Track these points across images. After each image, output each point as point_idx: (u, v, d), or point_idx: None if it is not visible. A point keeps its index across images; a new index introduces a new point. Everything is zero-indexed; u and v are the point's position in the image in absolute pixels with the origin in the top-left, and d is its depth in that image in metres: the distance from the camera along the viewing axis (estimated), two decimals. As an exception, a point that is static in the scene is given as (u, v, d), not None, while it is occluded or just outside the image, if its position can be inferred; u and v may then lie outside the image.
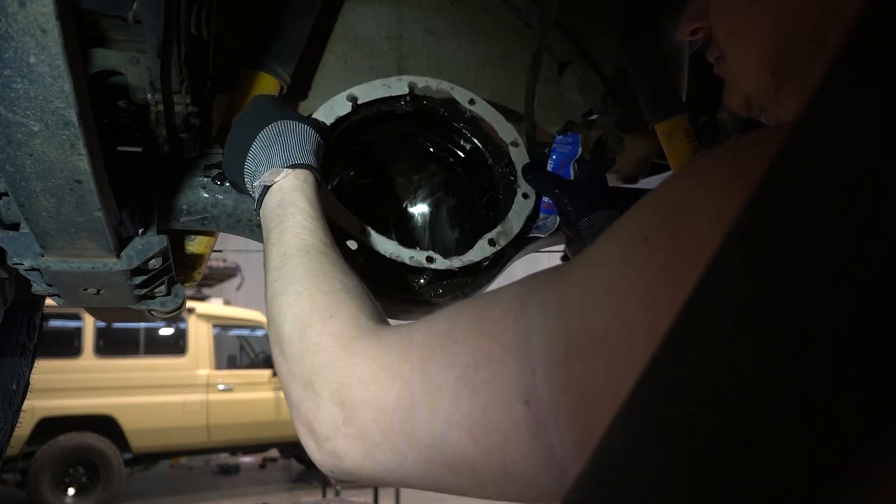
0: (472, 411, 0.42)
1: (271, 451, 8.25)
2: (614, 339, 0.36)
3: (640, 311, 0.35)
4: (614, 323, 0.36)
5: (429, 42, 1.21)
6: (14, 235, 0.80)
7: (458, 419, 0.42)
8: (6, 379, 1.31)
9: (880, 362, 0.17)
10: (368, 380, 0.48)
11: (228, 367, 7.49)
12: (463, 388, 0.42)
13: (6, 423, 1.32)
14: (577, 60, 1.22)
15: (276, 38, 1.05)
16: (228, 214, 0.96)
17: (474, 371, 0.42)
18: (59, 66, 0.53)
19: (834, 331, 0.18)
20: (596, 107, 1.17)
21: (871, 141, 0.18)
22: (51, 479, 5.95)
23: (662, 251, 0.35)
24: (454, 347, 0.44)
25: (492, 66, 1.24)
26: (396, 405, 0.46)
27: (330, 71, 1.17)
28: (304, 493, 7.05)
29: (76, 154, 0.61)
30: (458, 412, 0.42)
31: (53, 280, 0.86)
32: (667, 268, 0.35)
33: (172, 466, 8.22)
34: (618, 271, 0.38)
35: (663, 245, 0.36)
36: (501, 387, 0.41)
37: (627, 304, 0.36)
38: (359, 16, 1.18)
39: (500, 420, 0.41)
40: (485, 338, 0.43)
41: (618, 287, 0.37)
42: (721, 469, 0.20)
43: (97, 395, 6.25)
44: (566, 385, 0.38)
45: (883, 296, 0.17)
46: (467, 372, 0.43)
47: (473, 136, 1.07)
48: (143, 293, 0.93)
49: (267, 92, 1.04)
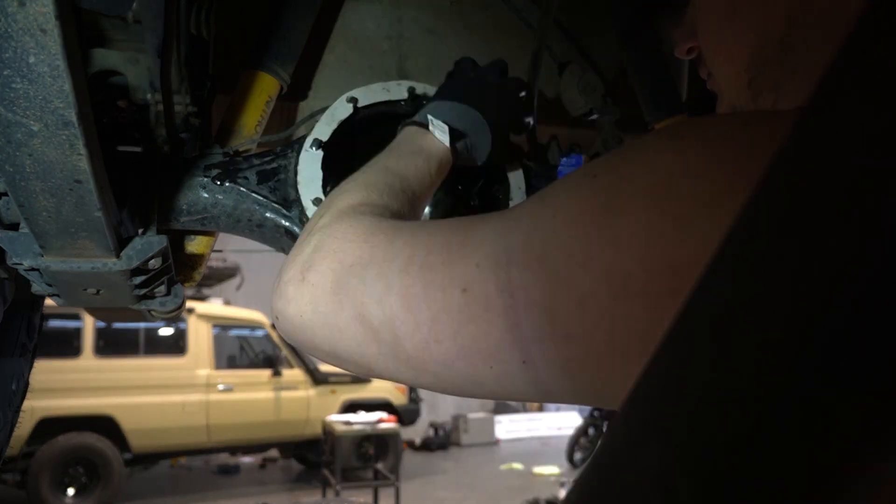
0: (413, 284, 0.45)
1: (271, 451, 8.26)
2: (551, 259, 0.39)
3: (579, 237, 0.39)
4: (553, 243, 0.39)
5: (429, 42, 1.21)
6: (14, 235, 0.80)
7: (400, 288, 0.46)
8: (6, 379, 1.31)
9: (880, 362, 0.17)
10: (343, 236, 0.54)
11: (228, 367, 7.49)
12: (414, 264, 0.46)
13: (6, 423, 1.32)
14: (577, 60, 1.22)
15: (276, 38, 1.05)
16: (228, 214, 0.96)
17: (427, 253, 0.46)
18: (58, 66, 0.53)
19: (834, 330, 0.18)
20: (596, 107, 1.17)
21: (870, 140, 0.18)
22: (51, 479, 5.95)
23: (606, 187, 0.39)
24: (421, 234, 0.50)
25: (492, 66, 1.24)
26: (354, 260, 0.51)
27: (330, 71, 1.17)
28: (303, 493, 7.05)
29: (76, 154, 0.61)
30: (401, 282, 0.46)
31: (53, 280, 0.86)
32: (608, 201, 0.38)
33: (172, 466, 8.22)
34: (566, 199, 0.41)
35: (608, 182, 0.39)
36: (446, 272, 0.44)
37: (568, 228, 0.39)
38: (359, 16, 1.18)
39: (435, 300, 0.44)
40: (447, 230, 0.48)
41: (563, 212, 0.40)
42: (721, 469, 0.20)
43: (97, 395, 6.26)
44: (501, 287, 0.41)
45: (883, 296, 0.17)
46: (421, 252, 0.47)
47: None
48: (142, 293, 0.93)
49: (268, 92, 1.05)
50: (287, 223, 0.96)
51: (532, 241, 0.41)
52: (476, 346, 0.43)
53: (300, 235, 0.60)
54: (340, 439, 6.12)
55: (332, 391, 7.69)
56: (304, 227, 0.62)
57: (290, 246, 0.98)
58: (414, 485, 7.41)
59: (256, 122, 1.04)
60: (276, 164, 0.98)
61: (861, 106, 0.18)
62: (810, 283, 0.18)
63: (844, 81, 0.19)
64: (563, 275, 0.38)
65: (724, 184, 0.35)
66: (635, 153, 0.40)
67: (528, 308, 0.40)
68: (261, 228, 0.97)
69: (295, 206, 0.95)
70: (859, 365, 0.17)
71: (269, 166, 0.98)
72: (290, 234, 0.97)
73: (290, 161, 0.97)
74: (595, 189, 0.40)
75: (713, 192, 0.35)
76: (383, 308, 0.47)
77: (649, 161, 0.38)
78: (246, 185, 0.96)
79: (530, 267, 0.40)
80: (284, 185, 0.97)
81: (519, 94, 0.95)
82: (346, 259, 0.52)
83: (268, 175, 0.97)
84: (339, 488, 5.76)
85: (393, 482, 5.94)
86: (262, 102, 1.04)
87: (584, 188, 0.41)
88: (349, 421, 6.50)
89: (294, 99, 1.15)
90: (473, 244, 0.45)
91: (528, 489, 7.06)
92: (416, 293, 0.45)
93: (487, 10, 1.23)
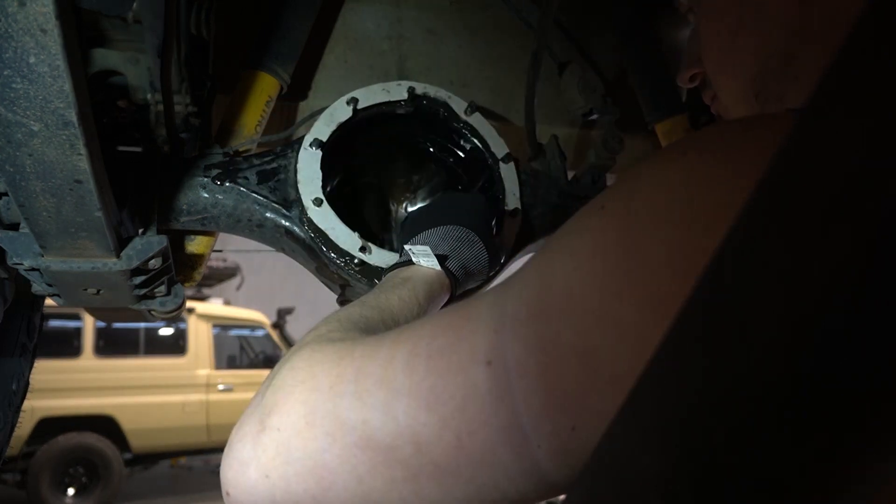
0: (425, 378, 0.39)
1: (271, 451, 8.24)
2: (578, 295, 0.36)
3: (601, 268, 0.36)
4: (577, 279, 0.37)
5: (429, 42, 1.21)
6: (14, 235, 0.80)
7: (410, 387, 0.39)
8: (6, 379, 1.31)
9: (881, 362, 0.17)
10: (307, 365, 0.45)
11: (228, 367, 7.49)
12: (418, 356, 0.40)
13: (6, 423, 1.32)
14: (577, 60, 1.22)
15: (276, 38, 1.05)
16: (228, 214, 0.96)
17: (431, 340, 0.40)
18: (58, 66, 0.53)
19: (835, 330, 0.18)
20: (596, 107, 1.17)
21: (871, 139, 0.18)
22: (51, 479, 5.95)
23: (616, 214, 0.38)
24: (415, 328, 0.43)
25: (492, 66, 1.25)
26: (332, 381, 0.42)
27: (330, 71, 1.17)
28: (303, 493, 7.05)
29: (76, 154, 0.61)
30: (411, 380, 0.39)
31: (53, 280, 0.85)
32: (621, 228, 0.37)
33: (172, 466, 8.22)
34: (580, 236, 0.39)
35: (617, 209, 0.38)
36: (462, 349, 0.39)
37: (589, 262, 0.37)
38: (359, 16, 1.18)
39: (457, 385, 0.38)
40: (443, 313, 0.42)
41: (580, 249, 0.38)
42: (721, 469, 0.20)
43: (97, 395, 6.25)
44: (532, 345, 0.36)
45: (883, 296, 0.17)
46: (423, 342, 0.40)
47: (473, 137, 1.07)
48: (142, 293, 0.93)
49: (268, 92, 1.05)
50: (287, 223, 0.96)
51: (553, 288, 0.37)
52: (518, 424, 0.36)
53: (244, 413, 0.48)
54: (340, 439, 6.10)
55: (332, 391, 7.68)
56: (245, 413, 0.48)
57: (291, 246, 0.99)
58: (414, 485, 7.40)
59: (256, 122, 1.04)
60: (276, 164, 0.98)
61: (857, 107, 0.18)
62: (811, 283, 0.18)
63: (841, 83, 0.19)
64: (597, 311, 0.35)
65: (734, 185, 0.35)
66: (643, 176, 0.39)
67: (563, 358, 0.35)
68: (261, 228, 0.97)
69: (295, 206, 0.95)
70: (860, 364, 0.17)
71: (269, 166, 0.98)
72: (290, 234, 0.97)
73: (290, 161, 0.97)
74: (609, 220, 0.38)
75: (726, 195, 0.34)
76: (394, 418, 0.39)
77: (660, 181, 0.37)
78: (246, 185, 0.96)
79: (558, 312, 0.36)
80: (284, 185, 0.97)
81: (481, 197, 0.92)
82: (320, 384, 0.43)
83: (268, 175, 0.97)
84: (339, 488, 5.75)
85: (393, 482, 5.93)
86: (262, 102, 1.04)
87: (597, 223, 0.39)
88: (349, 421, 6.49)
89: (294, 99, 1.15)
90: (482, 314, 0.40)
91: (528, 489, 7.05)
92: (431, 385, 0.38)
93: (487, 10, 1.23)
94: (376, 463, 0.39)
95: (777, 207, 0.20)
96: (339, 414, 0.40)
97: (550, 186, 1.09)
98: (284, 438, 0.41)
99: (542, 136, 1.15)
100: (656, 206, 0.36)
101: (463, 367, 0.38)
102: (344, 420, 0.40)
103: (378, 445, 0.39)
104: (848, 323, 0.18)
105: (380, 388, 0.40)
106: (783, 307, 0.19)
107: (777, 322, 0.19)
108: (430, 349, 0.40)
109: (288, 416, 0.42)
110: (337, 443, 0.40)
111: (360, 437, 0.40)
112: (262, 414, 0.44)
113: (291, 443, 0.41)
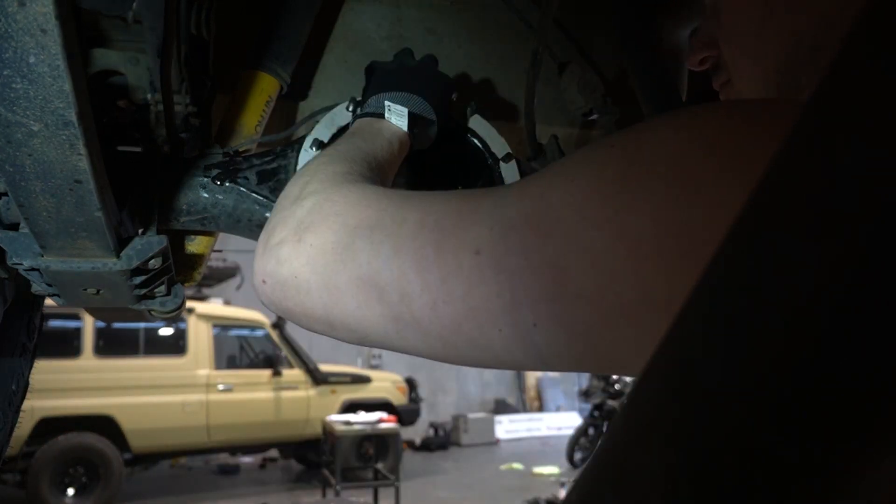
0: (424, 245, 0.45)
1: (271, 452, 8.26)
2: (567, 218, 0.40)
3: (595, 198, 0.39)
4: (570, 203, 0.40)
5: (429, 42, 1.21)
6: (14, 235, 0.80)
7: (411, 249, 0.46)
8: (6, 379, 1.31)
9: (881, 361, 0.17)
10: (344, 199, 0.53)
11: (228, 368, 7.49)
12: (425, 227, 0.46)
13: (6, 423, 1.32)
14: (577, 60, 1.23)
15: (276, 38, 1.05)
16: (228, 214, 0.96)
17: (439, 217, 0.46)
18: (58, 66, 0.53)
19: (836, 330, 0.18)
20: (596, 107, 1.17)
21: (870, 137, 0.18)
22: (51, 479, 5.95)
23: (624, 152, 0.40)
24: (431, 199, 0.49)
25: (492, 66, 1.25)
26: (358, 222, 0.50)
27: (330, 71, 1.17)
28: (303, 494, 7.05)
29: (76, 154, 0.61)
30: (412, 244, 0.46)
31: (53, 280, 0.86)
32: (625, 169, 0.39)
33: (172, 466, 8.22)
34: (585, 164, 0.42)
35: (626, 152, 0.40)
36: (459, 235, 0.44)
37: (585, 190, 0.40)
38: (359, 16, 1.18)
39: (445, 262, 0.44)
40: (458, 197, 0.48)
41: (581, 175, 0.41)
42: (721, 469, 0.20)
43: (97, 395, 6.26)
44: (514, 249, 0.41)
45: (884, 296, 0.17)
46: (432, 217, 0.47)
47: (473, 138, 1.07)
48: (142, 293, 0.93)
49: (268, 92, 1.05)
50: (287, 223, 0.96)
51: (548, 205, 0.41)
52: (486, 308, 0.42)
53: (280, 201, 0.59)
54: (340, 439, 6.12)
55: (333, 391, 7.69)
56: (284, 193, 0.60)
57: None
58: (414, 485, 7.41)
59: (256, 122, 1.04)
60: (276, 164, 0.98)
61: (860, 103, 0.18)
62: (812, 283, 0.18)
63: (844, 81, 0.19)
64: (578, 236, 0.39)
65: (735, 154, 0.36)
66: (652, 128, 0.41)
67: (540, 268, 0.40)
68: (261, 228, 0.97)
69: (295, 206, 0.95)
70: (863, 363, 0.17)
71: (269, 166, 0.98)
72: (290, 234, 0.97)
73: (290, 161, 0.97)
74: (612, 158, 0.40)
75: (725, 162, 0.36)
76: (391, 269, 0.46)
77: (665, 134, 0.39)
78: (246, 185, 0.96)
79: (545, 228, 0.40)
80: (284, 185, 0.97)
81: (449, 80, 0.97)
82: (349, 221, 0.51)
83: (268, 175, 0.97)
84: (339, 488, 5.76)
85: (393, 482, 5.94)
86: (262, 102, 1.04)
87: (601, 157, 0.41)
88: (349, 421, 6.50)
89: (294, 99, 1.15)
90: (486, 209, 0.45)
91: (528, 489, 7.06)
92: (427, 255, 0.45)
93: (487, 10, 1.23)
94: (373, 298, 0.48)
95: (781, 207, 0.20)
96: (354, 250, 0.49)
97: None
98: (315, 253, 0.51)
99: (542, 136, 1.15)
100: (660, 160, 0.38)
101: (455, 250, 0.44)
102: (356, 255, 0.48)
103: (375, 284, 0.47)
104: (848, 322, 0.18)
105: (388, 240, 0.47)
106: (785, 308, 0.19)
107: (779, 322, 0.19)
108: (435, 225, 0.46)
109: (321, 237, 0.51)
110: (347, 270, 0.49)
111: (365, 273, 0.48)
112: (298, 228, 0.53)
113: (318, 259, 0.50)
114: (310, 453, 7.76)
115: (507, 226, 0.42)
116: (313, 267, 0.51)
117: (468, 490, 7.44)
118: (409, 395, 8.46)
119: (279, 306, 0.55)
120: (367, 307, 0.48)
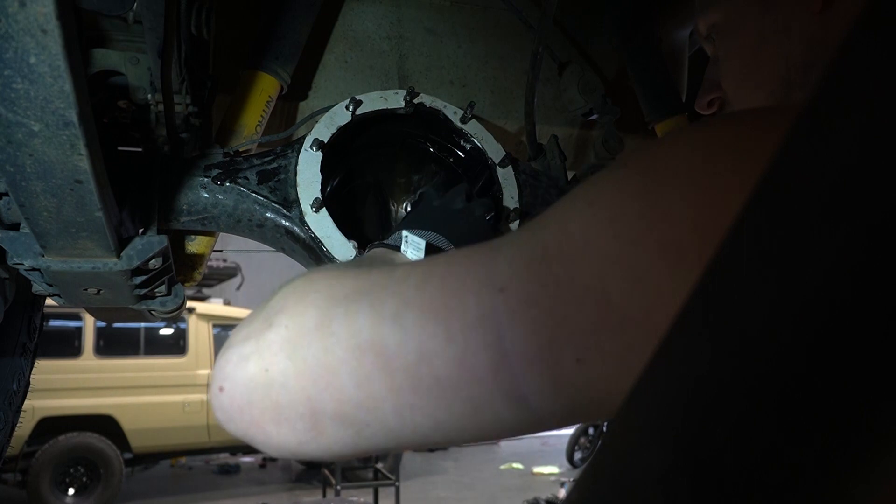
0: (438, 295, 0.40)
1: (271, 451, 8.23)
2: (595, 240, 0.36)
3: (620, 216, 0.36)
4: (595, 225, 0.37)
5: (429, 42, 1.21)
6: (14, 235, 0.80)
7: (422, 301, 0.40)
8: (6, 379, 1.31)
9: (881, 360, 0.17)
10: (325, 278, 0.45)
11: (228, 367, 7.48)
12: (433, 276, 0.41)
13: (6, 423, 1.32)
14: (577, 60, 1.23)
15: (276, 38, 1.05)
16: (228, 214, 0.96)
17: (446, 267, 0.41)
18: (59, 67, 0.53)
19: (837, 330, 0.18)
20: (596, 107, 1.17)
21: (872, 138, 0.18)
22: (51, 478, 5.95)
23: (638, 170, 0.38)
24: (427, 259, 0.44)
25: (492, 66, 1.25)
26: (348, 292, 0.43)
27: (330, 71, 1.17)
28: (304, 493, 7.05)
29: (76, 154, 0.61)
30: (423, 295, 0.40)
31: (54, 280, 0.86)
32: (643, 182, 0.37)
33: (172, 466, 8.22)
34: (601, 188, 0.39)
35: (640, 165, 0.38)
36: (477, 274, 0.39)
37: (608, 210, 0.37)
38: (359, 16, 1.18)
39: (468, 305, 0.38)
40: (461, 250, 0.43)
41: (599, 198, 0.38)
42: (721, 469, 0.20)
43: (97, 395, 6.26)
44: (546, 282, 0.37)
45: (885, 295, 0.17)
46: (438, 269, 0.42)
47: (473, 137, 1.07)
48: (143, 293, 0.93)
49: (268, 92, 1.05)
50: (287, 223, 0.96)
51: (570, 232, 0.37)
52: (523, 351, 0.36)
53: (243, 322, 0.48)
54: (341, 439, 6.10)
55: (333, 391, 7.68)
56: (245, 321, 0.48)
57: (291, 246, 0.99)
58: (414, 485, 7.41)
59: (256, 122, 1.04)
60: (276, 165, 0.98)
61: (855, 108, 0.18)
62: (812, 283, 0.18)
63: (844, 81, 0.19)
64: (614, 256, 0.35)
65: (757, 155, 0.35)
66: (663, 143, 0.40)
67: (577, 298, 0.36)
68: (261, 228, 0.98)
69: (295, 207, 0.95)
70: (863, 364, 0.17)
71: (270, 166, 0.98)
72: (290, 233, 0.97)
73: (291, 161, 0.97)
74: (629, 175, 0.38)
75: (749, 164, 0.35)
76: (402, 326, 0.39)
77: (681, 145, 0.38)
78: (246, 185, 0.96)
79: (574, 255, 0.36)
80: (284, 185, 0.97)
81: (485, 215, 0.90)
82: (335, 293, 0.43)
83: (268, 175, 0.97)
84: (339, 488, 5.75)
85: (393, 482, 5.93)
86: (262, 102, 1.04)
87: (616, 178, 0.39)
88: (349, 421, 6.48)
89: (294, 99, 1.15)
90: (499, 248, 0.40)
91: (528, 489, 7.05)
92: (443, 303, 0.39)
93: (487, 11, 1.23)
94: (378, 368, 0.39)
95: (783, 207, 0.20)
96: (350, 318, 0.41)
97: (550, 186, 1.09)
98: (291, 336, 0.42)
99: (542, 136, 1.15)
100: (679, 165, 0.36)
101: (476, 290, 0.38)
102: (353, 323, 0.41)
103: (383, 350, 0.39)
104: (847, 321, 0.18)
105: (393, 299, 0.40)
106: (785, 308, 0.19)
107: (779, 323, 0.19)
108: (445, 271, 0.40)
109: (298, 316, 0.42)
110: (342, 344, 0.40)
111: (367, 340, 0.40)
112: (268, 314, 0.44)
113: (297, 341, 0.41)
114: (310, 453, 7.74)
115: (528, 259, 0.38)
116: (290, 352, 0.41)
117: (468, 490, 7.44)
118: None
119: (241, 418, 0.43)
120: (370, 383, 0.40)
